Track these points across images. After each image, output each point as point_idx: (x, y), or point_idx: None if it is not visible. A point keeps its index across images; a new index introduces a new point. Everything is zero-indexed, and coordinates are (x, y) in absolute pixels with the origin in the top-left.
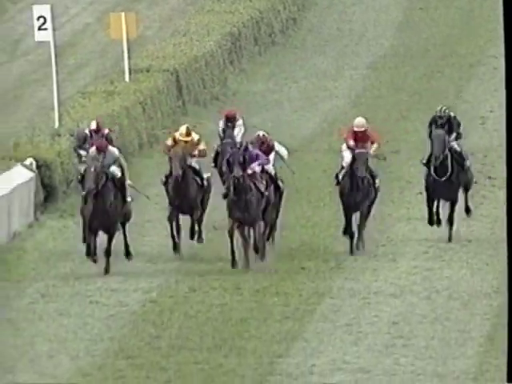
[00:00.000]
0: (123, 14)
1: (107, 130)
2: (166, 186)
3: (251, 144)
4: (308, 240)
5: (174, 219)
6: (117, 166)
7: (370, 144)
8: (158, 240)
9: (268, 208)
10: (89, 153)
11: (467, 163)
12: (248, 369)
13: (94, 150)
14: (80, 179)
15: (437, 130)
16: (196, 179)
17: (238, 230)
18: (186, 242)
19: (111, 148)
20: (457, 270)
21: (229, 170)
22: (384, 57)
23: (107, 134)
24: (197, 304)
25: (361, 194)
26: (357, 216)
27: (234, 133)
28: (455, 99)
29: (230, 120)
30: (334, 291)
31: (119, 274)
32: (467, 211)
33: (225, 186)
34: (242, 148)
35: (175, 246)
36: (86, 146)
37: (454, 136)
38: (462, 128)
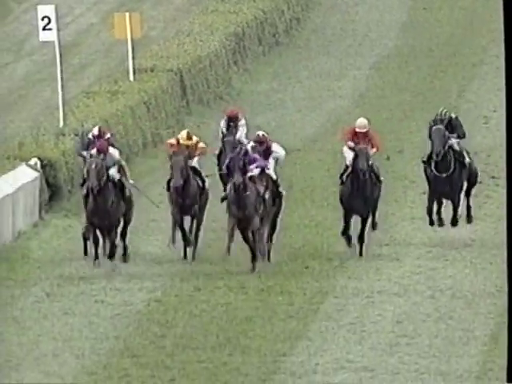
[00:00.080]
0: (127, 14)
1: (109, 134)
2: (169, 191)
3: (252, 143)
4: (312, 239)
5: (177, 221)
6: (116, 168)
7: (371, 147)
8: (163, 239)
9: (266, 210)
10: (89, 155)
11: (467, 160)
12: (252, 367)
13: (94, 152)
14: (82, 182)
15: (437, 126)
16: (197, 180)
17: (240, 231)
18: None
19: (112, 150)
20: (460, 269)
21: (227, 175)
22: (387, 57)
23: (108, 138)
24: (201, 303)
25: (363, 195)
26: (358, 219)
27: (236, 133)
28: (458, 99)
29: (232, 120)
30: (338, 290)
31: (124, 273)
32: (468, 216)
33: (224, 191)
34: (241, 153)
35: (173, 238)
36: (89, 150)
37: (455, 135)
38: (463, 128)
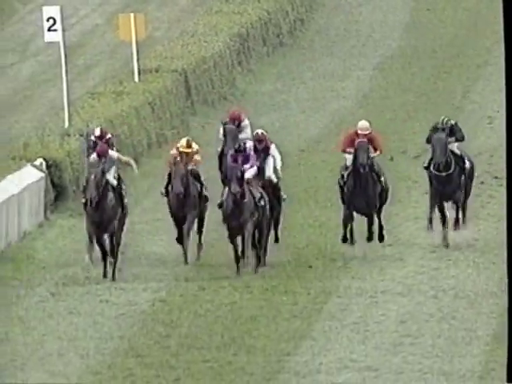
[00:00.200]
0: (132, 15)
1: (109, 134)
2: (168, 197)
3: (251, 141)
4: (315, 239)
5: (180, 228)
6: (114, 171)
7: (373, 150)
8: (168, 239)
9: (262, 218)
10: (89, 160)
11: (467, 165)
12: (257, 367)
13: (94, 155)
14: (83, 189)
15: (438, 134)
16: (196, 185)
17: (229, 237)
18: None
19: (111, 152)
20: (463, 269)
21: (223, 182)
22: (391, 57)
23: (109, 138)
24: (206, 303)
25: (366, 196)
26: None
27: (240, 135)
28: (462, 99)
29: (235, 121)
30: (342, 290)
31: (129, 273)
32: (463, 217)
33: (222, 197)
34: (240, 158)
35: (180, 242)
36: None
37: (453, 138)
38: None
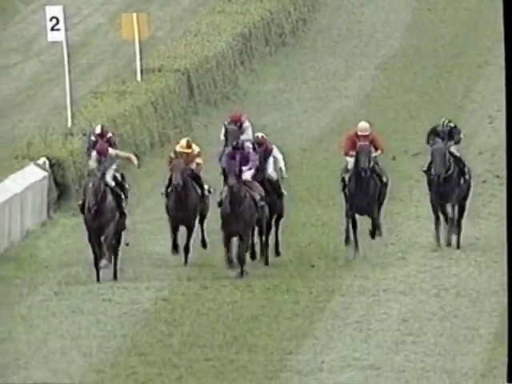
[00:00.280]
0: (135, 14)
1: (110, 133)
2: (167, 197)
3: (251, 144)
4: (318, 238)
5: (175, 230)
6: (113, 172)
7: (375, 149)
8: (170, 238)
9: (262, 218)
10: (88, 165)
11: (466, 170)
12: (259, 365)
13: (94, 154)
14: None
15: (437, 143)
16: (195, 187)
17: (223, 241)
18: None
19: (111, 151)
20: (465, 267)
21: (224, 179)
22: (393, 57)
23: (110, 137)
24: (208, 302)
25: (367, 195)
26: (363, 220)
27: (241, 136)
28: (464, 99)
29: (236, 123)
30: (344, 289)
31: (131, 272)
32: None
33: (220, 194)
34: (237, 155)
35: (174, 247)
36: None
37: (451, 142)
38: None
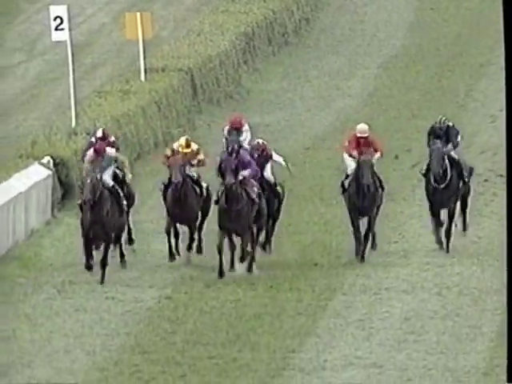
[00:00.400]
0: (139, 14)
1: (113, 137)
2: (165, 194)
3: (250, 149)
4: (321, 237)
5: (171, 229)
6: (111, 173)
7: (373, 151)
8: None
9: (260, 215)
10: (85, 164)
11: (465, 173)
12: (261, 364)
13: (91, 152)
14: (81, 190)
15: (435, 143)
16: (195, 188)
17: (228, 241)
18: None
19: (109, 150)
20: (467, 266)
21: (222, 178)
22: (395, 56)
23: (113, 141)
24: (211, 300)
25: (367, 201)
26: (364, 222)
27: (239, 138)
28: (466, 98)
29: (236, 129)
30: (346, 287)
31: (135, 270)
32: (464, 227)
33: (217, 192)
34: (234, 155)
35: (171, 255)
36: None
37: (450, 146)
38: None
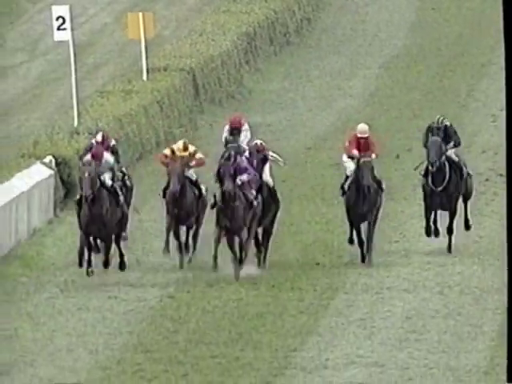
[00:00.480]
0: (141, 14)
1: (113, 141)
2: (165, 198)
3: (250, 151)
4: (322, 236)
5: (171, 229)
6: (110, 174)
7: (371, 152)
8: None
9: (256, 217)
10: (82, 163)
11: (465, 171)
12: (264, 362)
13: (88, 157)
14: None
15: (433, 137)
16: (193, 190)
17: (226, 240)
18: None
19: (106, 156)
20: (469, 265)
21: (220, 183)
22: (397, 56)
23: (113, 145)
24: (214, 299)
25: (367, 204)
26: (365, 226)
27: (239, 138)
28: (467, 98)
29: (236, 129)
30: (348, 286)
31: (137, 269)
32: (466, 225)
33: (214, 197)
34: (231, 160)
35: (166, 246)
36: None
37: (451, 144)
38: (458, 136)
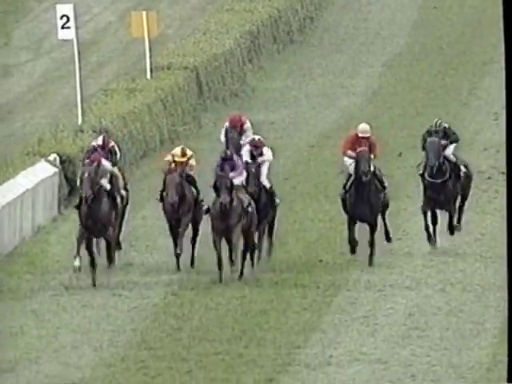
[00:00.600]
0: (144, 12)
1: (112, 143)
2: (162, 203)
3: (248, 147)
4: (325, 233)
5: (175, 235)
6: (107, 179)
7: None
8: None
9: (251, 224)
10: (82, 164)
11: (462, 170)
12: (267, 359)
13: (87, 162)
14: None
15: (431, 138)
16: (192, 191)
17: (216, 243)
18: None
19: (104, 162)
20: (471, 263)
21: (216, 194)
22: (399, 55)
23: (111, 147)
24: (217, 296)
25: (368, 204)
26: (366, 228)
27: (240, 138)
28: (469, 96)
29: (236, 127)
30: (351, 284)
31: (141, 267)
32: (458, 222)
33: (210, 204)
34: (227, 165)
35: (176, 246)
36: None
37: (452, 145)
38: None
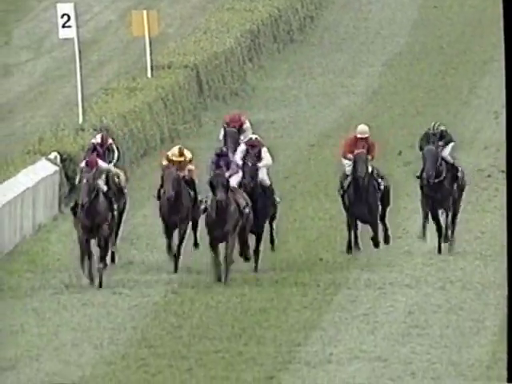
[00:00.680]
0: (145, 11)
1: (111, 140)
2: (159, 200)
3: (244, 146)
4: (326, 232)
5: (169, 234)
6: (104, 179)
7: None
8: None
9: (247, 225)
10: (80, 170)
11: (460, 173)
12: (267, 357)
13: (83, 164)
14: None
15: (428, 147)
16: (189, 192)
17: (213, 244)
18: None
19: (101, 164)
20: (471, 261)
21: (213, 192)
22: (400, 54)
23: (109, 144)
24: (217, 294)
25: (367, 205)
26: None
27: (239, 138)
28: (469, 95)
29: (235, 126)
30: (351, 282)
31: (141, 265)
32: (451, 235)
33: (206, 203)
34: (222, 162)
35: (169, 250)
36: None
37: (449, 145)
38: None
